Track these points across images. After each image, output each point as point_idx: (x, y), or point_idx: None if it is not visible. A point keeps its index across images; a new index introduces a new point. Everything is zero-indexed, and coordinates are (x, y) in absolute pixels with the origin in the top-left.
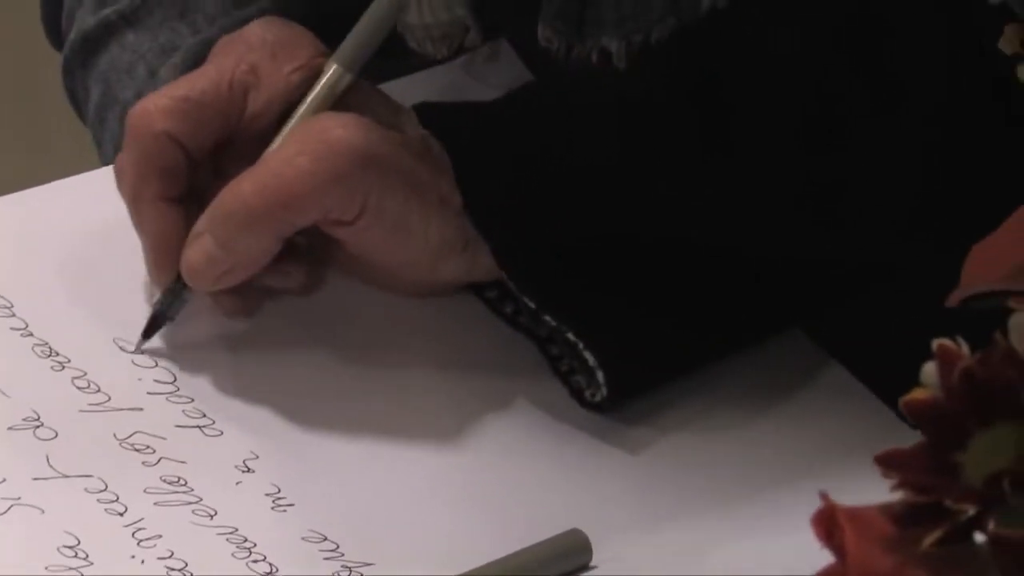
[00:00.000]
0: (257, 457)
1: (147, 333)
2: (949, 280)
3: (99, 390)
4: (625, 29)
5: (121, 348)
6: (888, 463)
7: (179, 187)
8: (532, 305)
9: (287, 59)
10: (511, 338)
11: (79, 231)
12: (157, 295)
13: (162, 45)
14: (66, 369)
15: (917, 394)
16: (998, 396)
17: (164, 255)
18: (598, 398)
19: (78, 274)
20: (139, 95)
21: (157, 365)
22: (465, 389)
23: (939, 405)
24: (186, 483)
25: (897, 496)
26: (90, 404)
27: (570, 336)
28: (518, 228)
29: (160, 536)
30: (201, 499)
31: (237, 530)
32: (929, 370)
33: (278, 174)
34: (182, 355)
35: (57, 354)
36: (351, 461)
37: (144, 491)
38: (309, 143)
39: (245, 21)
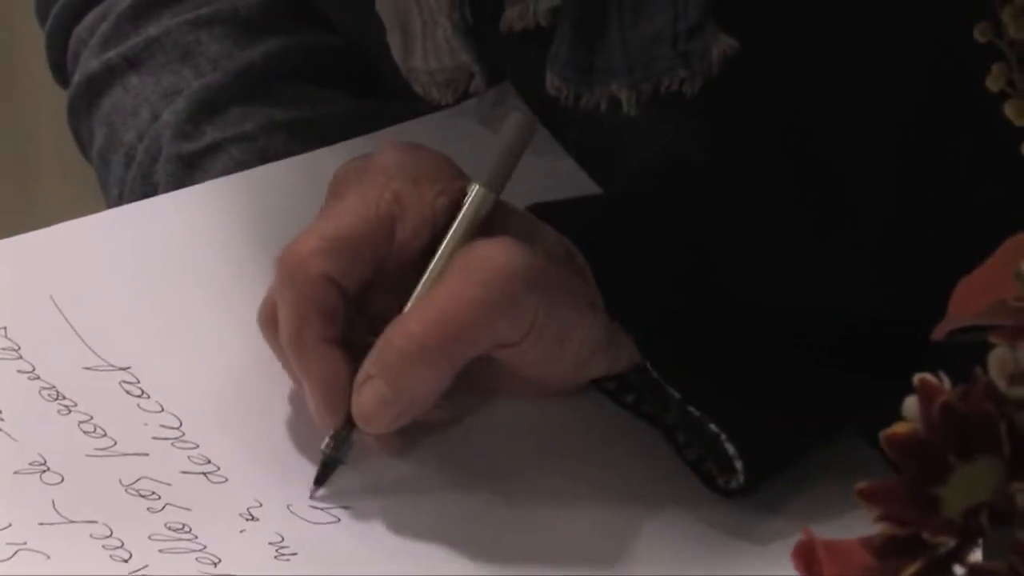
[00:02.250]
0: (261, 505)
1: (319, 480)
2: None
3: (105, 434)
4: (634, 78)
5: (127, 392)
6: (869, 496)
7: (339, 328)
8: (677, 395)
9: (429, 184)
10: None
11: (86, 274)
12: (325, 439)
13: (165, 88)
14: (73, 413)
15: (898, 428)
16: (978, 430)
17: (333, 399)
18: (733, 485)
19: (85, 317)
20: (141, 137)
21: (163, 410)
22: (502, 463)
23: (919, 439)
24: (190, 530)
25: (878, 529)
26: (96, 449)
27: (712, 427)
28: (656, 319)
29: None
30: (205, 547)
31: None
32: (910, 404)
33: (447, 308)
34: (188, 399)
35: (64, 397)
36: (357, 513)
37: (149, 538)
38: (473, 272)
39: (248, 64)
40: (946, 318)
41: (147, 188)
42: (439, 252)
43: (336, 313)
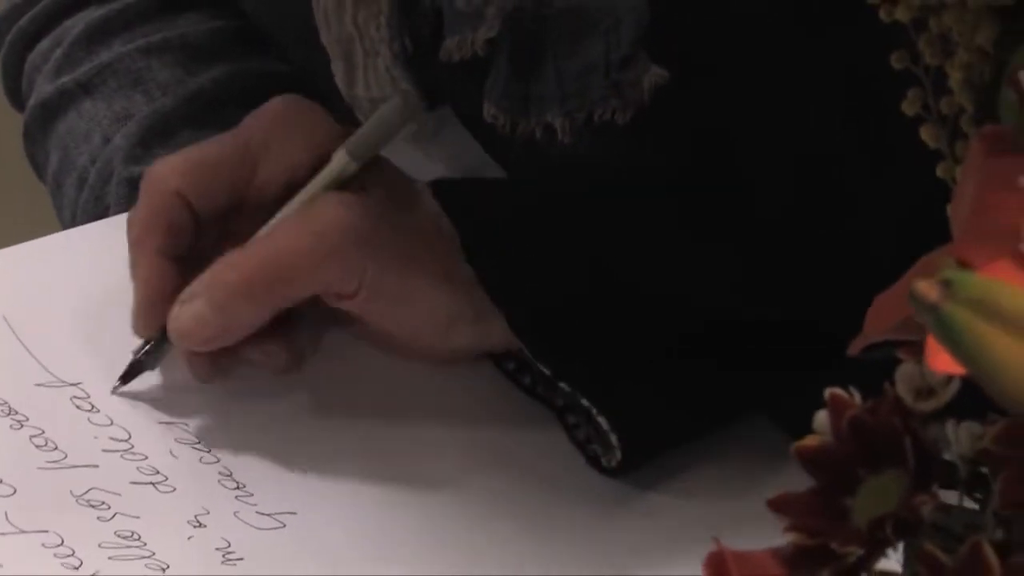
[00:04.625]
0: (208, 512)
1: (124, 378)
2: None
3: (56, 447)
4: (568, 107)
5: (78, 407)
6: (780, 507)
7: (181, 245)
8: (547, 372)
9: (301, 138)
10: (524, 407)
11: (37, 293)
12: (138, 343)
13: (117, 113)
14: (24, 427)
15: (809, 441)
16: (885, 443)
17: (152, 307)
18: (613, 463)
19: (37, 335)
20: (93, 161)
21: (113, 423)
22: (452, 453)
23: (829, 451)
24: (139, 537)
25: (788, 539)
26: (48, 461)
27: (584, 402)
28: (530, 298)
29: None
30: (154, 553)
31: None
32: (821, 418)
33: (277, 250)
34: (136, 412)
35: (16, 412)
36: (303, 519)
37: (99, 545)
38: (308, 221)
39: (197, 89)
40: (861, 334)
41: (99, 210)
42: (291, 201)
43: (181, 229)
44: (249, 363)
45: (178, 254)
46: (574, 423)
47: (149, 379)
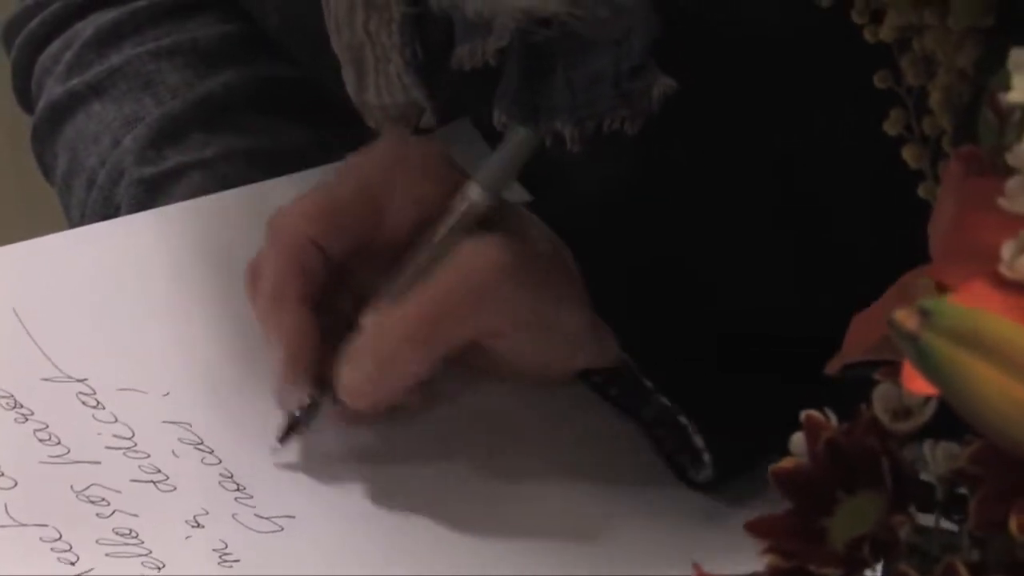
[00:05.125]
0: (207, 513)
1: (283, 439)
2: None
3: (59, 442)
4: (577, 115)
5: (83, 403)
6: (758, 529)
7: (317, 292)
8: (651, 385)
9: (424, 175)
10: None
11: (48, 289)
12: (291, 397)
13: (127, 116)
14: (29, 421)
15: (785, 463)
16: (862, 464)
17: (300, 358)
18: (702, 478)
19: (46, 330)
20: (103, 163)
21: (117, 421)
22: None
23: (805, 473)
24: (137, 535)
25: (765, 561)
26: (50, 456)
27: (681, 419)
28: (636, 314)
29: None
30: (151, 552)
31: None
32: (797, 439)
33: (438, 298)
34: (140, 410)
35: (21, 406)
36: (301, 522)
37: (96, 542)
38: (464, 265)
39: (207, 93)
40: (840, 353)
41: (108, 210)
42: (433, 242)
43: (316, 276)
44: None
45: (316, 301)
46: (662, 435)
47: (158, 385)
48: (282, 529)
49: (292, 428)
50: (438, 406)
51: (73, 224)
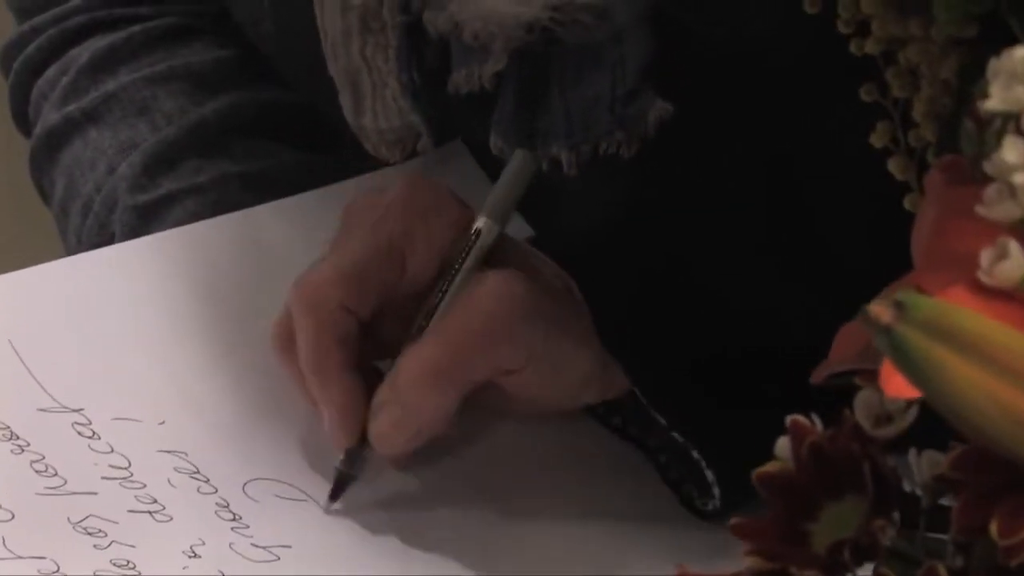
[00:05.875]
0: (204, 543)
1: (334, 495)
2: None
3: (56, 473)
4: (574, 140)
5: (79, 433)
6: (742, 531)
7: (355, 355)
8: (663, 422)
9: (437, 218)
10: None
11: (43, 319)
12: (339, 457)
13: (122, 142)
14: (25, 452)
15: (770, 467)
16: (844, 469)
17: (351, 422)
18: (711, 507)
19: (41, 360)
20: (98, 189)
21: (113, 451)
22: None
23: (789, 477)
24: (135, 567)
25: (748, 563)
26: (47, 487)
27: (694, 454)
28: (643, 347)
29: None
30: None
31: None
32: (782, 444)
33: (455, 338)
34: (136, 440)
35: (18, 437)
36: (297, 552)
37: (94, 574)
38: (479, 304)
39: (201, 119)
40: (825, 361)
41: (103, 237)
42: (453, 283)
43: (352, 340)
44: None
45: (357, 363)
46: (665, 464)
47: (154, 414)
48: (278, 558)
49: (341, 483)
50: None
51: (70, 250)
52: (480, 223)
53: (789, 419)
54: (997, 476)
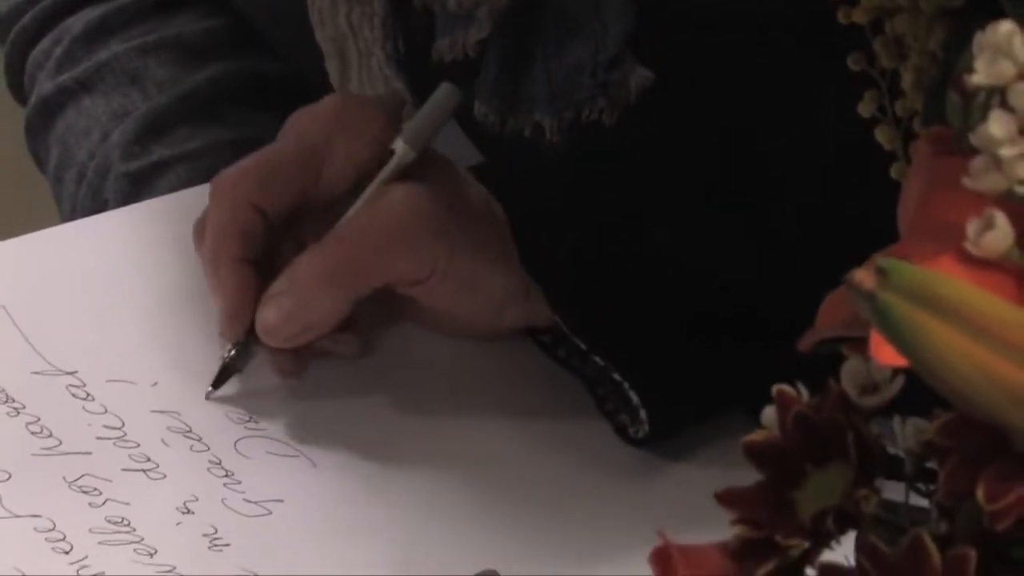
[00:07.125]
0: (197, 499)
1: (216, 383)
2: None
3: (51, 435)
4: (556, 106)
5: (73, 395)
6: (728, 500)
7: (256, 249)
8: (583, 347)
9: (362, 134)
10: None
11: (37, 284)
12: (227, 347)
13: (115, 110)
14: (21, 415)
15: (756, 435)
16: (829, 438)
17: (238, 311)
18: (641, 434)
19: (36, 325)
20: (92, 157)
21: (107, 412)
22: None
23: (776, 445)
24: (129, 523)
25: (734, 532)
26: (42, 448)
27: (616, 376)
28: (569, 276)
29: (102, 573)
30: (143, 539)
31: (175, 568)
32: (768, 413)
33: (353, 242)
34: (130, 401)
35: (13, 400)
36: (289, 506)
37: (89, 531)
38: (381, 211)
39: (193, 87)
40: (812, 329)
41: (97, 204)
42: (363, 194)
43: (254, 235)
44: (326, 354)
45: (254, 258)
46: (603, 394)
47: (147, 375)
48: (270, 513)
49: (225, 373)
50: (418, 388)
51: (65, 217)
52: (396, 145)
53: (775, 388)
54: (983, 441)
